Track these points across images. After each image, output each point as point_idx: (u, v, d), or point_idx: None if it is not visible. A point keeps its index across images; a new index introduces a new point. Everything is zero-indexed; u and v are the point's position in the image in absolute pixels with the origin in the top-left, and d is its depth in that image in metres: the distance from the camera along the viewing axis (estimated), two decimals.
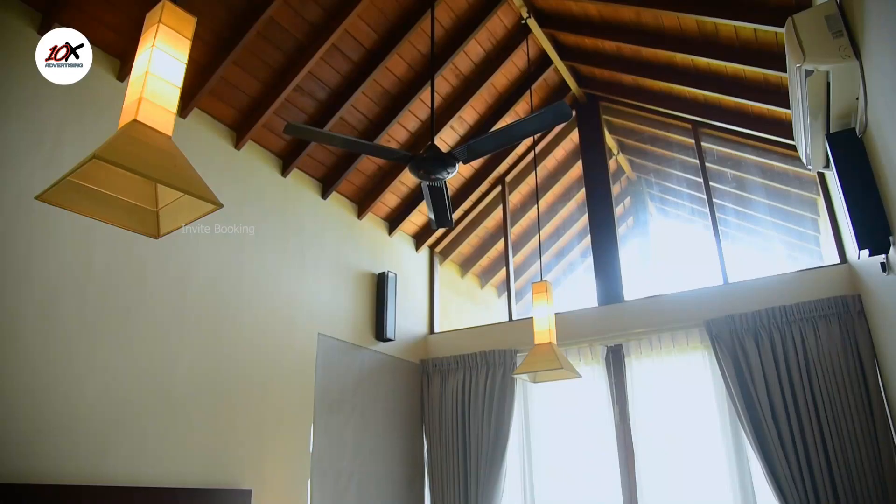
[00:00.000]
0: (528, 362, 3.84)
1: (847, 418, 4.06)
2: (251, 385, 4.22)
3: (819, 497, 4.05)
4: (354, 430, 5.01)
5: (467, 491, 5.32)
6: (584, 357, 5.25)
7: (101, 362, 3.37)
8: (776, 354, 4.37)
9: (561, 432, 5.27)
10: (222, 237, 4.24)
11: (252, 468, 4.10)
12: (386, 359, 5.54)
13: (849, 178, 3.08)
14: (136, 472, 3.42)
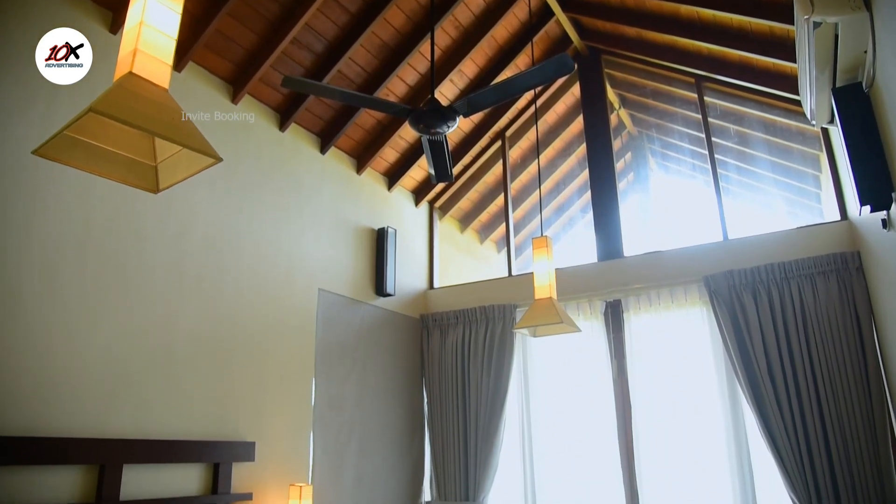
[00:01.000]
0: (527, 317, 3.86)
1: (842, 373, 4.12)
2: (252, 340, 4.25)
3: (811, 450, 4.13)
4: (355, 383, 5.07)
5: (467, 443, 5.43)
6: (584, 312, 5.28)
7: (102, 319, 3.39)
8: (774, 310, 4.40)
9: (559, 386, 5.34)
10: (220, 193, 4.22)
11: (255, 421, 4.16)
12: (386, 314, 5.57)
13: (853, 132, 3.05)
14: (140, 426, 3.48)
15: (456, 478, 5.39)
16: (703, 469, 4.64)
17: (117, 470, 3.27)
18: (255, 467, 4.08)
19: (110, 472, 3.23)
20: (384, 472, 5.21)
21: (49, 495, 3.03)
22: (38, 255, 3.15)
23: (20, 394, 2.99)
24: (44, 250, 3.18)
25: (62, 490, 3.08)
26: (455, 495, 5.37)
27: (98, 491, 3.20)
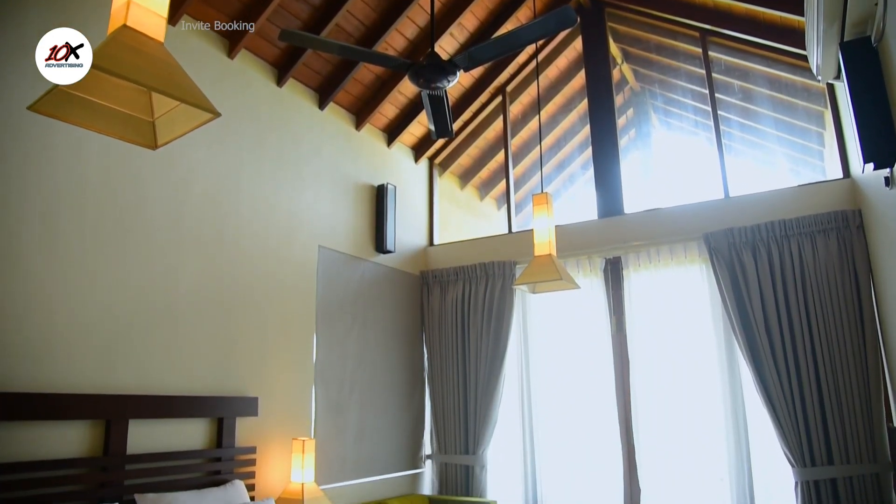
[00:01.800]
0: (527, 273, 3.87)
1: (838, 331, 4.16)
2: (253, 297, 4.27)
3: (805, 405, 4.19)
4: (356, 340, 5.12)
5: (466, 398, 5.50)
6: (583, 269, 5.30)
7: (103, 276, 3.40)
8: (773, 268, 4.42)
9: (558, 342, 5.39)
10: (219, 150, 4.18)
11: (257, 377, 4.21)
12: (386, 270, 5.59)
13: (860, 88, 3.01)
14: (144, 382, 3.52)
15: (456, 432, 5.49)
16: (699, 423, 4.72)
17: (123, 425, 3.32)
18: (259, 422, 4.15)
19: (116, 426, 3.29)
20: (385, 426, 5.30)
21: (58, 449, 3.09)
22: (35, 213, 3.14)
23: (24, 351, 3.01)
24: (41, 209, 3.17)
25: (70, 444, 3.14)
26: (455, 449, 5.48)
27: (105, 445, 3.26)
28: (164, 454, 3.52)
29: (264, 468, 4.16)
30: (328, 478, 4.60)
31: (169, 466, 3.54)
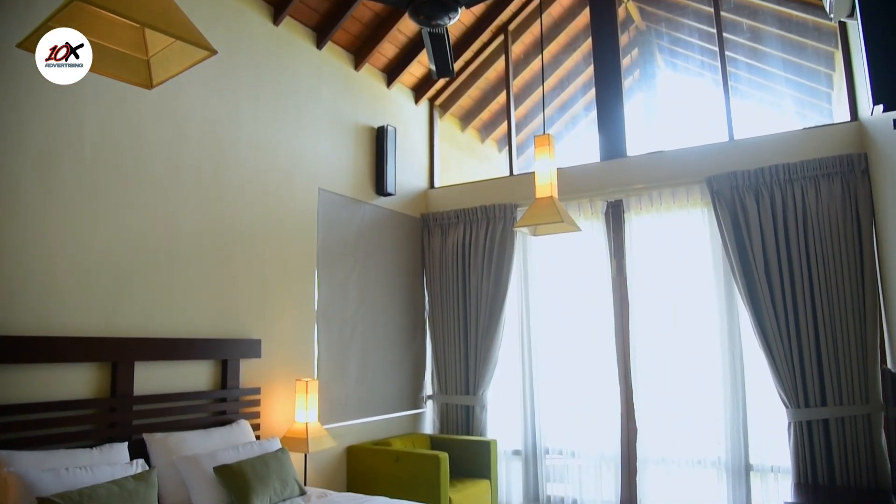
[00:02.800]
0: (528, 215, 3.85)
1: (838, 276, 4.17)
2: (254, 240, 4.27)
3: (802, 349, 4.24)
4: (357, 282, 5.14)
5: (467, 340, 5.57)
6: (584, 212, 5.28)
7: (102, 220, 3.38)
8: (775, 212, 4.40)
9: (559, 285, 5.42)
10: (215, 91, 4.10)
11: (260, 319, 4.24)
12: (386, 213, 5.57)
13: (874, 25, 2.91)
14: (147, 326, 3.54)
15: (456, 373, 5.57)
16: (696, 365, 4.79)
17: (129, 367, 3.36)
18: (262, 363, 4.20)
19: (122, 368, 3.33)
20: (387, 367, 5.37)
21: (67, 390, 3.14)
22: (32, 158, 3.09)
23: (27, 296, 3.02)
24: (38, 154, 3.11)
25: (78, 386, 3.19)
26: (455, 389, 5.57)
27: (112, 386, 3.31)
28: (171, 395, 3.58)
29: (269, 408, 4.24)
30: (331, 417, 4.70)
31: (175, 407, 3.61)
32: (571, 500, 5.14)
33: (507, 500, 5.41)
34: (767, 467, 4.49)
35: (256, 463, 3.44)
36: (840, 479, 4.07)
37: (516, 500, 5.41)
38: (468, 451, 5.09)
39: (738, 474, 4.50)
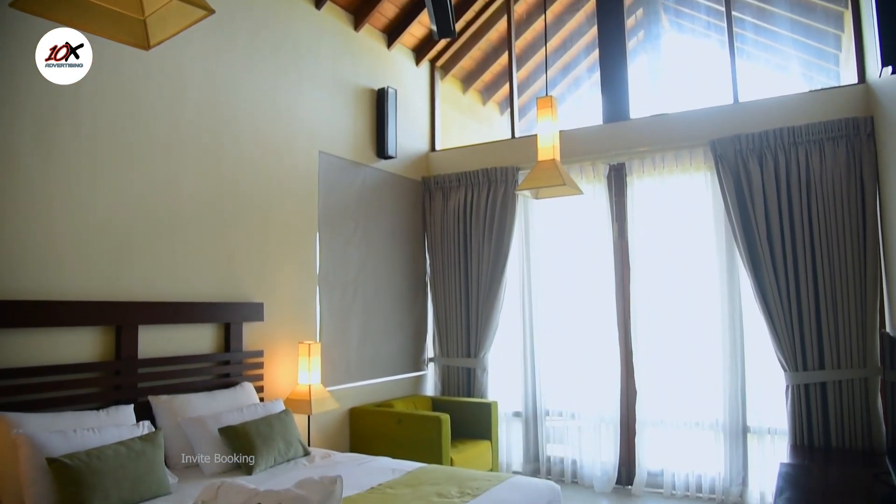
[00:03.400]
0: (530, 178, 3.83)
1: (840, 241, 4.17)
2: (255, 204, 4.25)
3: (802, 314, 4.26)
4: (358, 245, 5.14)
5: (468, 303, 5.59)
6: (586, 175, 5.25)
7: (103, 185, 3.36)
8: (779, 175, 4.37)
9: (560, 248, 5.42)
10: (214, 52, 4.03)
11: (262, 283, 4.26)
12: (388, 176, 5.54)
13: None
14: (150, 290, 3.55)
15: (458, 336, 5.61)
16: (696, 329, 4.82)
17: (133, 330, 3.38)
18: (265, 326, 4.23)
19: (126, 332, 3.35)
20: (389, 329, 5.41)
21: (73, 354, 3.16)
22: (30, 123, 3.05)
23: (29, 261, 3.02)
24: (36, 119, 3.07)
25: (84, 349, 3.21)
26: (457, 352, 5.62)
27: (117, 350, 3.33)
28: (175, 358, 3.61)
29: (272, 371, 4.28)
30: (334, 380, 4.74)
31: (180, 370, 3.64)
32: (571, 461, 5.23)
33: (508, 461, 5.50)
34: (764, 429, 4.55)
35: (260, 424, 3.49)
36: (835, 441, 4.13)
37: (516, 460, 5.50)
38: (469, 413, 5.16)
39: (736, 436, 4.56)
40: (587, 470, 5.12)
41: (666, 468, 4.84)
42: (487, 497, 2.92)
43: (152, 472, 2.85)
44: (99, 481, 2.60)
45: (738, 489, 4.55)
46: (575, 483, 5.17)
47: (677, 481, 4.78)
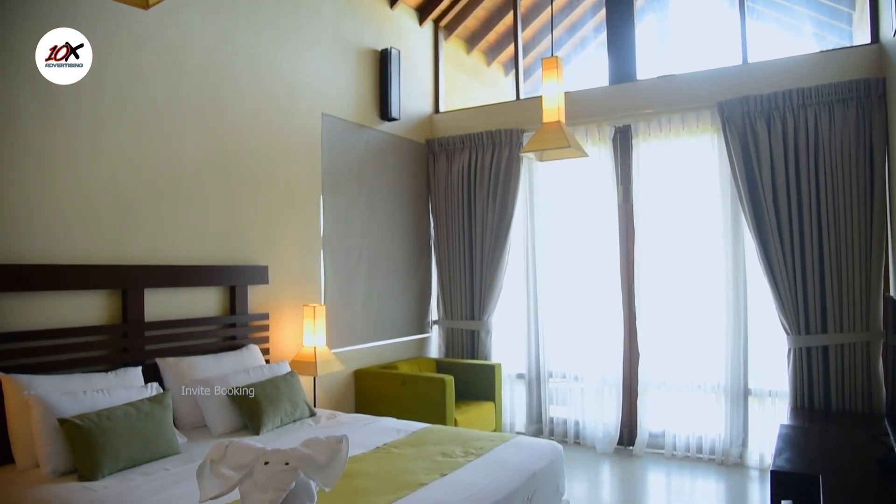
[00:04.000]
0: (535, 140, 3.80)
1: (847, 206, 4.14)
2: (258, 167, 4.23)
3: (806, 278, 4.26)
4: (362, 208, 5.13)
5: (472, 266, 5.60)
6: (592, 137, 5.20)
7: (106, 149, 3.33)
8: (786, 138, 4.32)
9: (564, 211, 5.40)
10: (214, 13, 3.97)
11: (266, 246, 4.26)
12: (391, 138, 5.49)
13: None
14: (155, 254, 3.56)
15: (462, 298, 5.64)
16: (700, 292, 4.82)
17: (139, 294, 3.41)
18: (270, 289, 4.25)
19: (132, 295, 3.37)
20: (393, 292, 5.43)
21: (81, 317, 3.19)
22: (30, 87, 3.01)
23: (35, 226, 3.03)
24: (35, 81, 3.01)
25: (91, 312, 3.24)
26: (461, 314, 5.65)
27: (123, 313, 3.36)
28: (181, 321, 3.64)
29: (277, 333, 4.32)
30: (338, 342, 4.79)
31: (186, 332, 3.67)
32: (573, 422, 5.30)
33: (511, 422, 5.58)
34: (765, 392, 4.59)
35: (267, 385, 3.53)
36: (836, 403, 4.17)
37: (520, 421, 5.58)
38: (473, 375, 5.21)
39: (737, 398, 4.61)
40: (589, 431, 5.19)
41: (667, 430, 4.90)
42: (491, 456, 2.97)
43: (161, 433, 2.89)
44: (109, 441, 2.65)
45: (737, 450, 4.61)
46: (577, 444, 5.25)
47: (678, 442, 4.85)
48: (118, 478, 2.62)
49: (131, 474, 2.67)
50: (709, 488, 4.32)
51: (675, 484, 4.44)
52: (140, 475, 2.66)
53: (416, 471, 2.74)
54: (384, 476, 2.67)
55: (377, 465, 2.84)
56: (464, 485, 2.58)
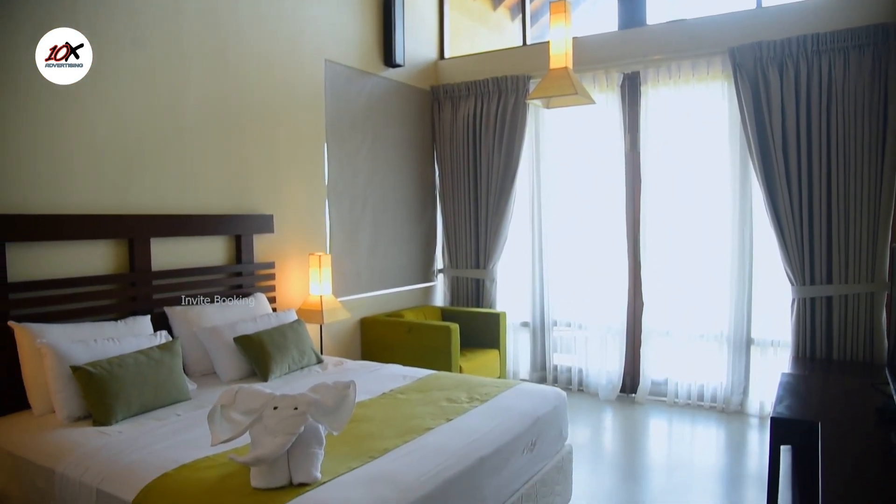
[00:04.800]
0: (541, 87, 3.74)
1: (857, 154, 4.10)
2: (261, 115, 4.18)
3: (813, 226, 4.25)
4: (367, 156, 5.09)
5: (477, 214, 5.59)
6: (599, 84, 5.11)
7: (108, 97, 3.29)
8: (799, 85, 4.24)
9: (570, 159, 5.35)
10: None
11: (271, 195, 4.25)
12: (395, 85, 5.41)
13: None
14: (160, 203, 3.56)
15: (467, 247, 5.65)
16: (705, 241, 4.82)
17: (145, 244, 3.42)
18: (275, 238, 4.26)
19: (139, 245, 3.39)
20: (398, 241, 5.44)
21: (89, 266, 3.21)
22: (30, 34, 2.95)
23: (39, 175, 3.02)
24: (36, 29, 2.95)
25: (99, 262, 3.26)
26: (466, 263, 5.67)
27: (131, 262, 3.38)
28: (188, 270, 3.67)
29: (284, 282, 4.35)
30: (344, 291, 4.82)
31: (193, 281, 3.70)
32: (577, 370, 5.38)
33: (515, 370, 5.66)
34: (768, 342, 4.63)
35: (274, 333, 3.58)
36: (837, 353, 4.21)
37: (524, 369, 5.66)
38: (478, 323, 5.26)
39: (739, 347, 4.65)
40: (593, 379, 5.27)
41: (670, 378, 4.97)
42: (495, 402, 3.02)
43: (172, 379, 2.95)
44: (122, 388, 2.70)
45: (738, 398, 4.68)
46: (580, 391, 5.33)
47: (680, 390, 4.92)
48: (131, 423, 2.68)
49: (144, 419, 2.73)
50: (709, 435, 4.40)
51: (676, 430, 4.53)
52: (152, 420, 2.73)
53: (422, 416, 2.79)
54: (391, 421, 2.72)
55: (384, 410, 2.89)
56: (469, 430, 2.63)
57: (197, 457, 2.29)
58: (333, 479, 2.11)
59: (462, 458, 2.37)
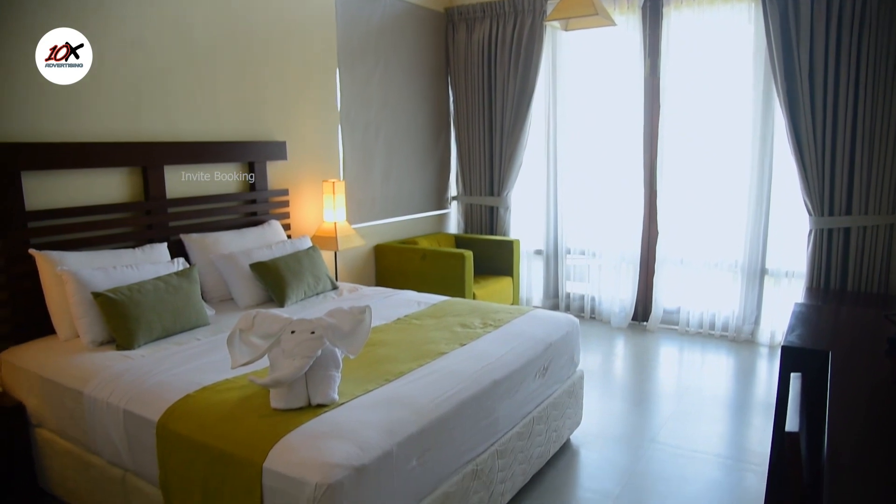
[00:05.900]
0: (560, 8, 3.62)
1: (886, 84, 3.98)
2: (271, 40, 4.08)
3: (836, 156, 4.16)
4: (380, 82, 4.99)
5: (492, 141, 5.52)
6: (620, 6, 4.92)
7: (115, 21, 3.21)
8: (830, 8, 4.05)
9: (588, 84, 5.22)
10: None
11: (284, 122, 4.20)
12: (409, 7, 5.25)
13: None
14: (171, 130, 3.52)
15: (481, 174, 5.61)
16: (724, 169, 4.75)
17: (159, 171, 3.41)
18: (289, 165, 4.24)
19: (152, 173, 3.38)
20: (412, 168, 5.40)
21: (104, 195, 3.22)
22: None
23: (50, 104, 2.98)
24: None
25: (114, 190, 3.27)
26: (480, 190, 5.64)
27: (145, 190, 3.38)
28: (203, 197, 3.67)
29: (298, 209, 4.36)
30: (358, 217, 4.83)
31: (208, 209, 3.71)
32: (590, 298, 5.42)
33: (528, 297, 5.71)
34: (782, 272, 4.62)
35: (290, 260, 3.61)
36: (851, 284, 4.20)
37: (537, 296, 5.71)
38: (491, 250, 5.28)
39: (753, 277, 4.65)
40: (605, 306, 5.31)
41: (682, 306, 5.00)
42: (509, 328, 3.06)
43: (190, 305, 3.00)
44: (142, 313, 2.76)
45: (750, 328, 4.72)
46: (593, 318, 5.39)
47: (692, 319, 4.96)
48: (153, 347, 2.76)
49: (165, 344, 2.80)
50: (719, 362, 4.46)
51: (687, 358, 4.59)
52: (173, 345, 2.79)
53: (436, 340, 2.84)
54: (405, 345, 2.77)
55: (398, 335, 2.95)
56: (482, 354, 2.68)
57: (217, 379, 2.36)
58: (350, 400, 2.17)
59: (476, 382, 2.42)
